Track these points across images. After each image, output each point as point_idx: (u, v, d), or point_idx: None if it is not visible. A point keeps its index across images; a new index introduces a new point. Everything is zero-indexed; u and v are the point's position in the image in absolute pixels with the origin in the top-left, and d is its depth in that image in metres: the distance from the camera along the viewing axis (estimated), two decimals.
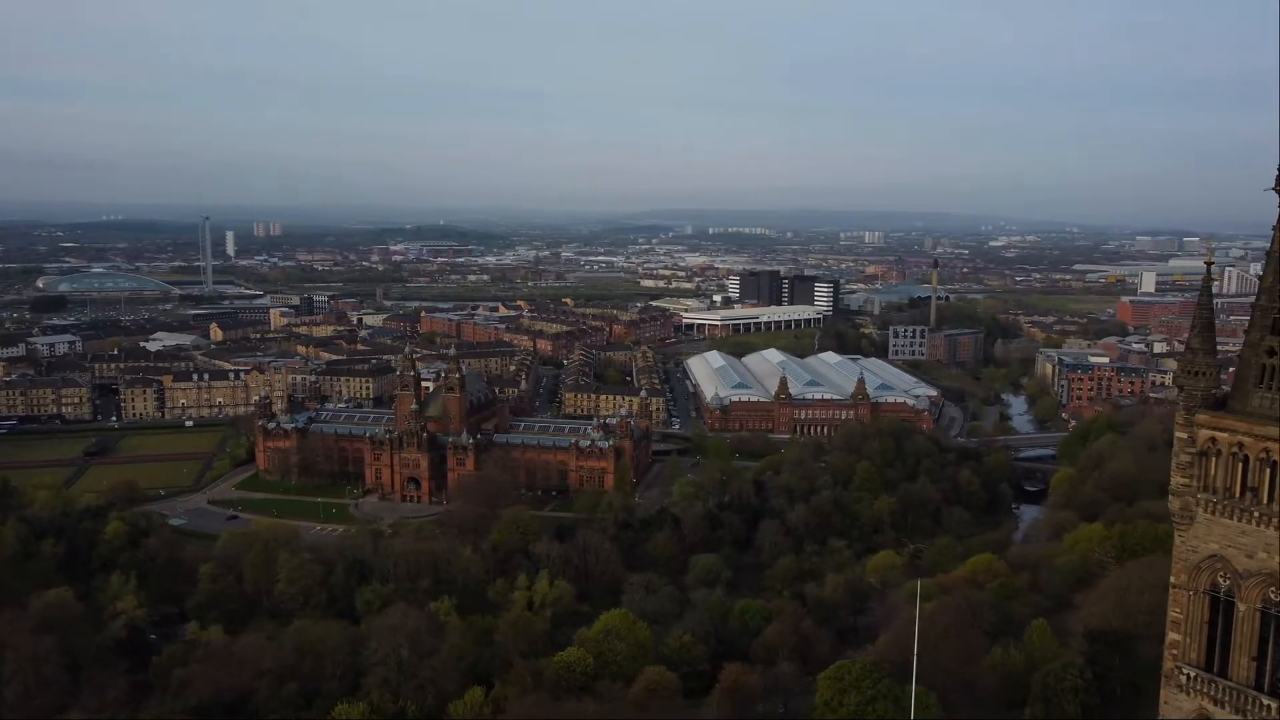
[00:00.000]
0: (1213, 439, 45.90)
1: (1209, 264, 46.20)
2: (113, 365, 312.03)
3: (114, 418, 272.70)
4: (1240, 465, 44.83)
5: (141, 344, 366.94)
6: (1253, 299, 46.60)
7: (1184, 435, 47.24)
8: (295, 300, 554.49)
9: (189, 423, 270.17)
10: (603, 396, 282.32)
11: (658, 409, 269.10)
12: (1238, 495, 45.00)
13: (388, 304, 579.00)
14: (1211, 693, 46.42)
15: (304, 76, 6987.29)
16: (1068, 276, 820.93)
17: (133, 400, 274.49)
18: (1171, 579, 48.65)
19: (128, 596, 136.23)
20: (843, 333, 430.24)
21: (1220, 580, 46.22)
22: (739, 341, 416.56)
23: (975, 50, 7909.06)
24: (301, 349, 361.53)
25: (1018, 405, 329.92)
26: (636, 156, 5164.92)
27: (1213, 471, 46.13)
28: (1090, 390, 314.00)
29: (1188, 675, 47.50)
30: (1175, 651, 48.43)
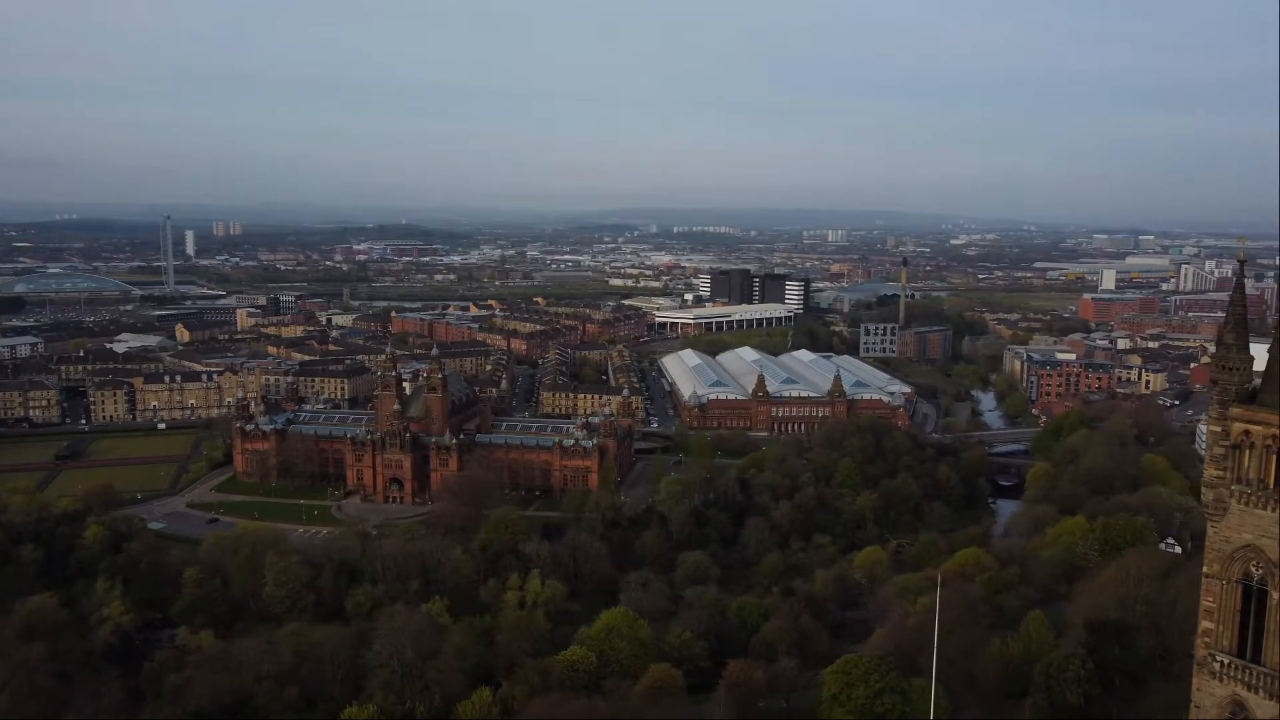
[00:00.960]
0: (1246, 432, 47.32)
1: (1241, 261, 47.56)
2: (79, 367, 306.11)
3: (83, 421, 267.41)
4: (1274, 458, 46.31)
5: (107, 345, 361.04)
6: (1209, 295, 48.43)
7: (1218, 429, 48.62)
8: (261, 300, 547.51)
9: (161, 425, 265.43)
10: (580, 396, 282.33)
11: (638, 408, 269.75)
12: (1271, 487, 46.51)
13: (355, 304, 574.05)
14: (1245, 679, 47.92)
15: (257, 73, 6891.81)
16: (1029, 274, 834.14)
17: (103, 403, 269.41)
18: (1204, 569, 50.11)
19: (115, 602, 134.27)
20: (815, 331, 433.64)
21: (1253, 569, 47.71)
22: (712, 340, 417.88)
23: (935, 54, 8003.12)
24: (272, 350, 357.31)
25: (987, 401, 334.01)
26: (603, 155, 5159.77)
27: (1246, 464, 47.57)
28: (1059, 386, 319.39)
29: (1221, 662, 48.99)
30: (1208, 639, 49.91)
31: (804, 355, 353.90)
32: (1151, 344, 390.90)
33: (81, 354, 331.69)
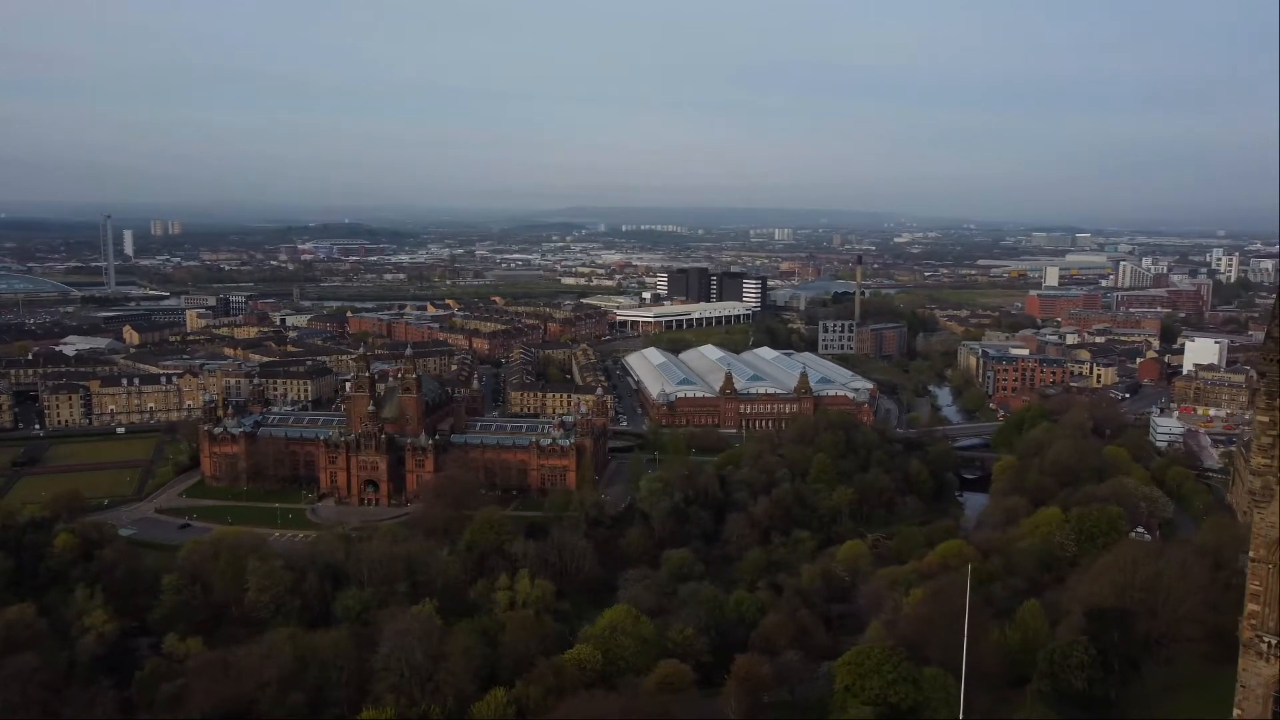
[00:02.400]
0: None
1: None
2: (29, 371, 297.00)
3: (37, 426, 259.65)
4: None
5: (54, 348, 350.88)
6: (1149, 291, 50.60)
7: (1265, 419, 50.65)
8: (210, 301, 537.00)
9: (120, 429, 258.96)
10: (550, 395, 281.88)
11: (609, 406, 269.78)
12: None
13: (306, 304, 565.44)
14: None
15: (190, 69, 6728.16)
16: (973, 271, 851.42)
17: (57, 407, 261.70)
18: (1250, 553, 52.23)
19: (96, 611, 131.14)
20: (773, 328, 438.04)
21: None
22: (674, 338, 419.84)
23: (890, 55, 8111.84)
24: (229, 351, 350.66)
25: (944, 396, 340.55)
26: (554, 154, 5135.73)
27: None
28: (1014, 381, 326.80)
29: (1269, 643, 51.02)
30: (1254, 621, 51.97)
31: (766, 353, 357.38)
32: (1098, 339, 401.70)
33: (30, 357, 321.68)
